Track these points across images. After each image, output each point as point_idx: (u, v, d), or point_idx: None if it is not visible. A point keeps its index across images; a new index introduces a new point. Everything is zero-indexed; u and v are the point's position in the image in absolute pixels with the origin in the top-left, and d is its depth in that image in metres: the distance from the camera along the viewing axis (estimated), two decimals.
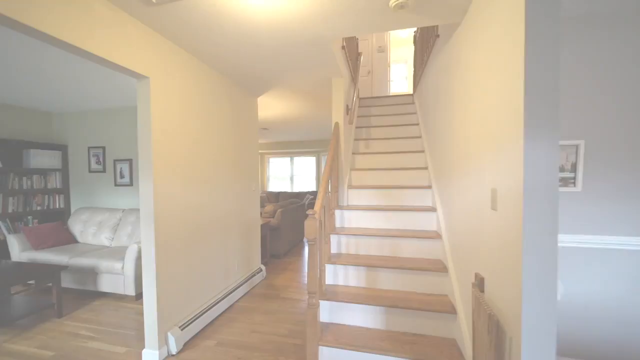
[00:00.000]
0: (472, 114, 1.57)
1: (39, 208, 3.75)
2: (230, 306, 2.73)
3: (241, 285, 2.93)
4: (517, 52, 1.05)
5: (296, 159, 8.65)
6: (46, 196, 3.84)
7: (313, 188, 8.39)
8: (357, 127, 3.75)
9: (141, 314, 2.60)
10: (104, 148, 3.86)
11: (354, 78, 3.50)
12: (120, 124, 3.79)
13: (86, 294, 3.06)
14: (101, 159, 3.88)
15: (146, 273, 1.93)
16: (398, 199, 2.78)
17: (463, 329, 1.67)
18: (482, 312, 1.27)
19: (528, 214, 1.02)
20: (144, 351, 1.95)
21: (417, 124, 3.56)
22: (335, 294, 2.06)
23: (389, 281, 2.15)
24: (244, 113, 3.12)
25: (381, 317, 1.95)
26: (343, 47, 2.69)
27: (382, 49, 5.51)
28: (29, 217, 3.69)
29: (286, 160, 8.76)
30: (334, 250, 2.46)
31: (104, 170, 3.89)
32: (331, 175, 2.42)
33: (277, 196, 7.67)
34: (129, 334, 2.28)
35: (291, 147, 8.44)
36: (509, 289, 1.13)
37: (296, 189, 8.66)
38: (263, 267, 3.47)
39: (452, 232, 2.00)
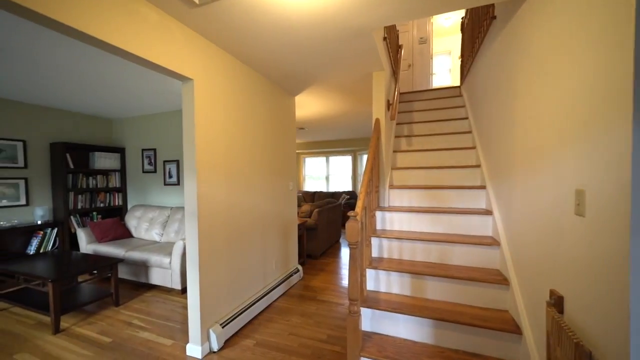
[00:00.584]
0: (545, 101, 1.33)
1: (101, 205, 4.16)
2: (268, 306, 2.73)
3: (279, 285, 2.92)
4: (621, 14, 0.83)
5: (332, 158, 8.58)
6: (108, 194, 4.25)
7: (349, 188, 8.24)
8: (397, 124, 3.54)
9: (186, 307, 2.71)
10: (155, 150, 4.17)
11: (395, 72, 3.31)
12: (169, 127, 4.05)
13: (139, 285, 3.30)
14: (153, 160, 4.19)
15: (190, 269, 1.98)
16: (445, 200, 2.54)
17: (532, 354, 1.43)
18: (563, 337, 1.05)
19: (637, 221, 0.79)
20: (188, 345, 2.01)
21: (466, 118, 3.25)
22: (377, 302, 1.92)
23: (436, 291, 1.95)
24: (282, 112, 3.11)
25: (428, 330, 1.77)
26: (385, 39, 2.53)
27: (424, 40, 5.18)
28: (93, 213, 4.11)
29: (322, 159, 8.73)
30: (374, 254, 2.32)
31: (154, 171, 4.19)
32: (372, 175, 2.28)
33: (313, 196, 7.67)
34: (175, 327, 2.38)
35: (327, 147, 8.38)
36: (605, 314, 0.90)
37: (332, 189, 8.59)
38: (300, 268, 3.44)
39: (515, 239, 1.74)
